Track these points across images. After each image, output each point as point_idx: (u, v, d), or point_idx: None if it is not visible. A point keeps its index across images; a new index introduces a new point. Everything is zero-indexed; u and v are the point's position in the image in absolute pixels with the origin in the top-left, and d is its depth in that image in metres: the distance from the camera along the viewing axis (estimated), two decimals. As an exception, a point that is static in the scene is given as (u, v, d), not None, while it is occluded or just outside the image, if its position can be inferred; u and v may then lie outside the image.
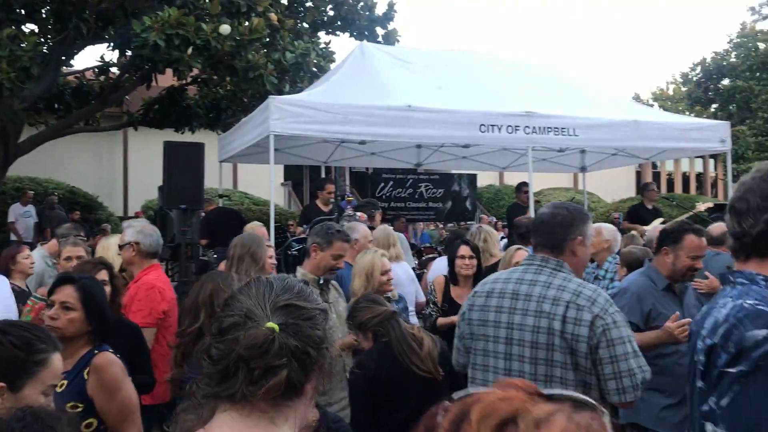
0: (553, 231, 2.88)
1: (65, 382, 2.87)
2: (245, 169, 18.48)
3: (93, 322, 3.00)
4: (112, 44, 11.76)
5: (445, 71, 9.34)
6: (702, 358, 1.75)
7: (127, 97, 14.01)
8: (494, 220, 15.98)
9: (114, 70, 13.21)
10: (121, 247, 4.66)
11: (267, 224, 7.34)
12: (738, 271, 1.82)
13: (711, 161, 27.48)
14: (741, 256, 1.83)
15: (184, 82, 12.31)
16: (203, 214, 9.23)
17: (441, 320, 5.16)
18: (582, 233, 2.89)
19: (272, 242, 6.61)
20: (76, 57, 12.99)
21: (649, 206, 10.04)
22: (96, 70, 13.22)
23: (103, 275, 3.78)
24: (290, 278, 1.51)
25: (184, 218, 7.56)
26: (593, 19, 77.30)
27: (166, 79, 12.05)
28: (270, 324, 1.35)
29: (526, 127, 8.08)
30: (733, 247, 1.85)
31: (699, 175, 28.61)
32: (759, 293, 1.72)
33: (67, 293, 3.03)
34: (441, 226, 12.89)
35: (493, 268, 5.51)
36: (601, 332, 2.65)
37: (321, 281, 4.16)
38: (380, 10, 13.42)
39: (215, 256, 8.20)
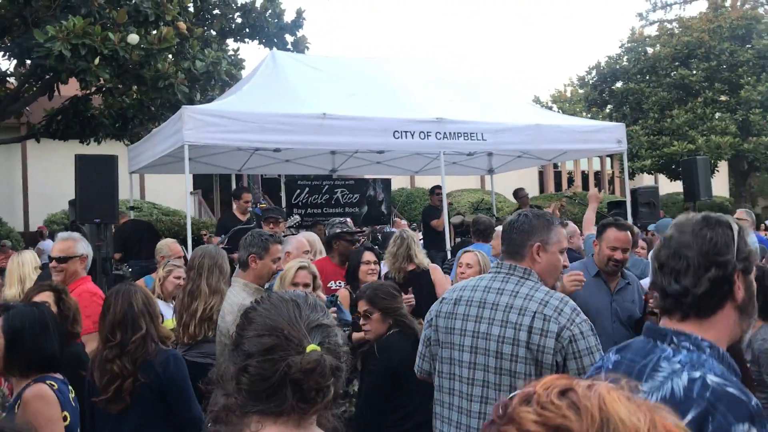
0: (512, 238, 2.86)
1: (4, 414, 2.86)
2: (152, 179, 18.03)
3: (12, 352, 2.92)
4: (8, 53, 11.30)
5: (357, 78, 9.50)
6: None
7: (27, 108, 13.44)
8: (405, 222, 16.23)
9: (11, 80, 12.67)
10: (65, 259, 4.53)
11: (180, 234, 7.28)
12: (681, 333, 1.67)
13: (608, 159, 28.93)
14: (677, 314, 1.70)
15: (88, 91, 11.93)
16: (114, 227, 9.00)
17: (356, 335, 4.72)
18: (543, 239, 2.81)
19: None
20: (-31, 67, 12.41)
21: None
22: (-9, 80, 12.63)
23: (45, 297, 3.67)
24: (308, 295, 1.60)
25: (98, 232, 7.41)
26: (497, 23, 79.67)
27: (69, 88, 11.67)
28: (313, 346, 1.45)
29: (438, 132, 8.34)
30: (667, 307, 1.72)
31: (597, 173, 30.04)
32: (715, 367, 1.57)
33: None
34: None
35: (419, 275, 5.69)
36: (568, 343, 2.60)
37: (267, 288, 4.27)
38: (289, 17, 13.46)
39: (130, 269, 8.05)
